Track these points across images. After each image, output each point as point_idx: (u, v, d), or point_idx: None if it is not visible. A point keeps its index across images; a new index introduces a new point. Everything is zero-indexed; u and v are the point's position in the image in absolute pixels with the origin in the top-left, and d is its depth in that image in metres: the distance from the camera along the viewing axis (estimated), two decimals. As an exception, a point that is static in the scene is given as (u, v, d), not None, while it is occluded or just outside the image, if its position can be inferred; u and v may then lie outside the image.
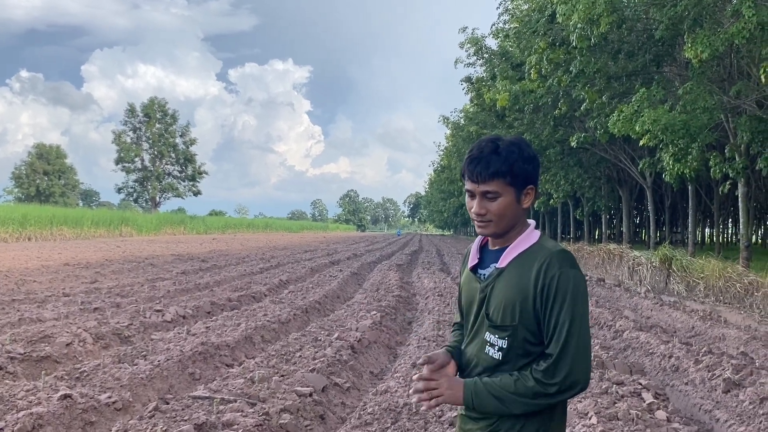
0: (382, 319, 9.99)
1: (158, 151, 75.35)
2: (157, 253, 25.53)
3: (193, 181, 78.22)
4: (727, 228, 43.14)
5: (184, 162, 77.36)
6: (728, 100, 14.76)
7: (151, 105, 75.43)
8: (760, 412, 5.50)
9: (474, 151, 1.97)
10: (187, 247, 31.19)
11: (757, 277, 11.77)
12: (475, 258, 2.08)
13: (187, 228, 56.66)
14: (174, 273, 16.90)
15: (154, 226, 50.86)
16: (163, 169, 76.69)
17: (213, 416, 4.90)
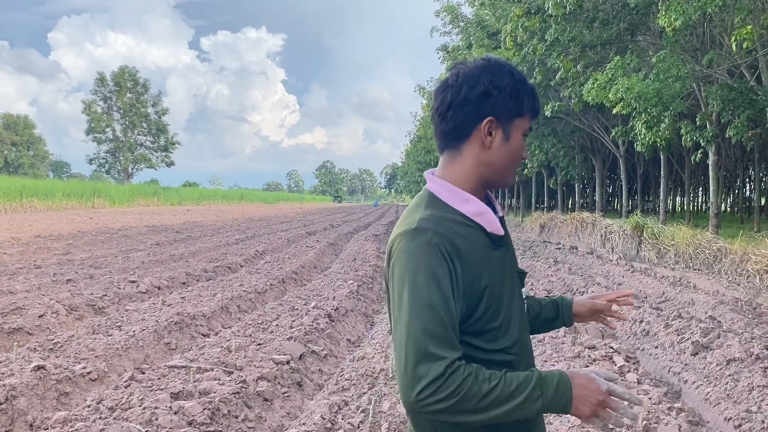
0: (359, 288, 10.04)
1: (130, 122, 74.01)
2: (131, 224, 25.24)
3: (165, 152, 77.14)
4: (698, 196, 43.91)
5: (157, 132, 76.15)
6: (700, 68, 14.90)
7: (122, 74, 73.83)
8: (726, 374, 5.66)
9: (529, 83, 1.64)
10: (161, 219, 30.88)
11: (725, 243, 12.03)
12: (499, 226, 1.62)
13: (160, 199, 56.03)
14: (148, 244, 16.74)
15: (127, 198, 50.19)
16: (135, 139, 75.44)
17: (189, 385, 4.90)
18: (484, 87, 1.55)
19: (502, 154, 1.59)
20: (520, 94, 1.58)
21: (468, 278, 1.47)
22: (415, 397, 1.35)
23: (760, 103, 14.01)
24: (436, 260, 1.43)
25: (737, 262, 10.96)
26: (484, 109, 1.55)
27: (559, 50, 18.20)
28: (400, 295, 1.44)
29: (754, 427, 4.56)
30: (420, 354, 1.36)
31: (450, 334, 1.40)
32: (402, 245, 1.48)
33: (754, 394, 5.09)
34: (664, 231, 14.21)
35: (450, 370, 1.35)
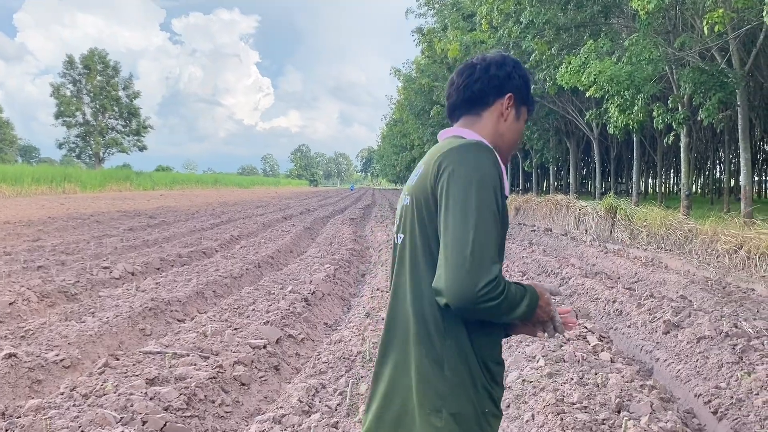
0: (336, 272, 10.03)
1: (100, 105, 72.47)
2: (103, 209, 24.86)
3: (138, 136, 75.78)
4: (670, 178, 44.55)
5: (128, 116, 74.70)
6: (672, 51, 15.04)
7: (91, 56, 72.14)
8: (696, 351, 5.79)
9: None
10: (134, 204, 30.46)
11: (696, 224, 12.23)
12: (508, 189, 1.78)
13: (133, 184, 55.16)
14: (121, 230, 16.51)
15: (99, 183, 49.31)
16: (106, 123, 73.94)
17: (165, 370, 4.87)
18: (509, 70, 1.81)
19: (513, 129, 1.83)
20: (530, 86, 1.87)
21: (504, 206, 1.64)
22: (477, 292, 1.47)
23: (731, 85, 14.21)
24: (497, 176, 1.60)
25: (707, 242, 11.16)
26: (506, 87, 1.80)
27: (533, 33, 18.23)
28: (467, 198, 1.54)
29: (723, 402, 4.67)
30: (485, 255, 1.50)
31: (496, 246, 1.56)
32: (466, 155, 1.61)
33: (723, 370, 5.21)
34: (636, 212, 14.40)
35: (500, 273, 1.53)
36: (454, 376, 1.60)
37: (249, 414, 4.70)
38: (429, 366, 1.62)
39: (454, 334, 1.61)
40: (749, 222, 12.39)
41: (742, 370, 5.08)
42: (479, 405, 1.62)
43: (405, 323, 1.68)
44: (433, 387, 1.60)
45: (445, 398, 1.59)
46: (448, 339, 1.62)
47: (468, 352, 1.62)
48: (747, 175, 15.12)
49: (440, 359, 1.61)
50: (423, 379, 1.62)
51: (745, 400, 4.61)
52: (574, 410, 4.09)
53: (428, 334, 1.63)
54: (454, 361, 1.61)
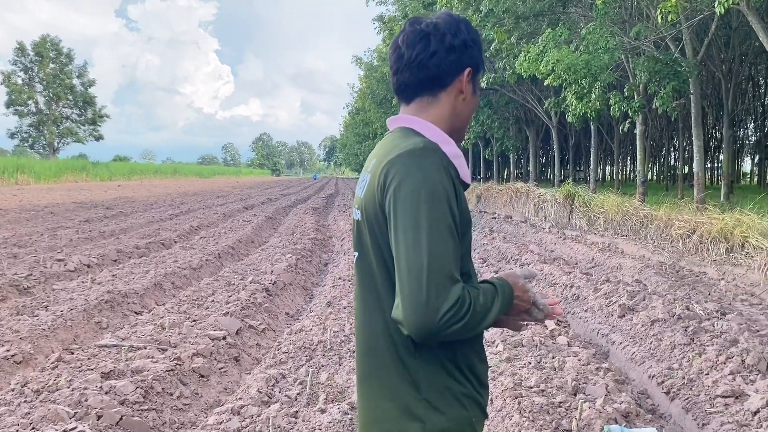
0: (298, 262, 9.98)
1: (54, 94, 70.39)
2: (58, 201, 24.21)
3: (93, 125, 73.89)
4: (626, 165, 45.48)
5: (83, 105, 72.74)
6: (628, 41, 15.31)
7: (43, 43, 69.91)
8: (650, 334, 5.94)
9: None
10: (91, 195, 29.74)
11: (651, 210, 12.52)
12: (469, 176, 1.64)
13: (89, 175, 53.85)
14: (77, 221, 16.10)
15: (54, 173, 47.99)
16: (61, 112, 71.88)
17: (121, 364, 4.78)
18: (465, 37, 1.57)
19: (471, 106, 1.63)
20: (482, 51, 1.64)
21: (462, 208, 1.50)
22: (438, 321, 1.34)
23: (684, 74, 14.53)
24: (448, 182, 1.43)
25: (662, 227, 11.43)
26: (464, 60, 1.58)
27: (493, 21, 18.33)
28: (416, 217, 1.39)
29: (675, 383, 4.81)
30: (444, 278, 1.36)
31: (456, 259, 1.42)
32: (410, 165, 1.44)
33: (676, 352, 5.36)
34: (594, 199, 14.66)
35: (462, 291, 1.38)
36: (434, 396, 1.49)
37: (208, 406, 4.65)
38: (405, 390, 1.50)
39: (426, 351, 1.49)
40: (701, 207, 12.74)
41: (693, 351, 5.23)
42: (464, 418, 1.52)
43: (374, 346, 1.56)
44: (411, 412, 1.49)
45: (426, 421, 1.47)
46: (420, 357, 1.49)
47: (447, 364, 1.50)
48: (699, 162, 15.53)
49: (415, 380, 1.49)
50: (400, 404, 1.50)
51: (696, 380, 4.74)
52: (531, 394, 4.16)
53: (398, 355, 1.51)
54: (431, 379, 1.49)
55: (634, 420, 3.91)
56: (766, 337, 5.37)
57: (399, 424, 1.50)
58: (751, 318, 6.38)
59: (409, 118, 1.61)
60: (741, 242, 9.11)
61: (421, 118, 1.59)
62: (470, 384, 1.54)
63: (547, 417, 3.82)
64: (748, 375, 4.62)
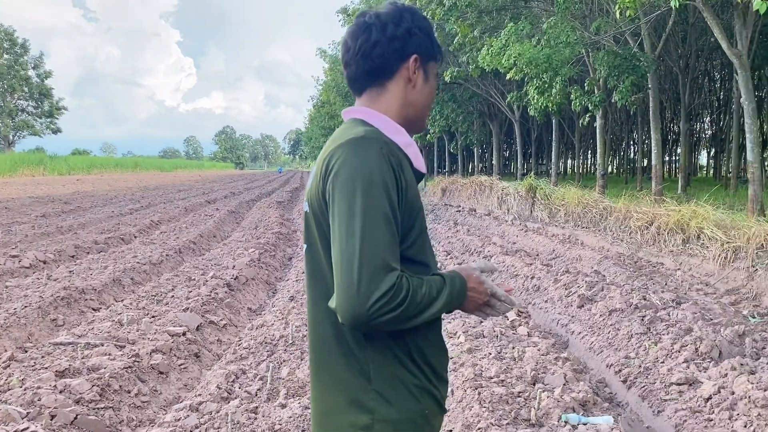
0: (261, 256, 9.89)
1: (8, 85, 68.33)
2: (13, 195, 23.53)
3: (51, 118, 72.04)
4: (587, 159, 46.23)
5: (40, 97, 70.80)
6: (589, 35, 15.52)
7: (-4, 33, 67.81)
8: (608, 323, 6.05)
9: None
10: (48, 189, 28.99)
11: (610, 203, 12.74)
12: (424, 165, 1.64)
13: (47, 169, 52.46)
14: (33, 216, 15.68)
15: (9, 167, 46.62)
16: (16, 104, 69.87)
17: (77, 362, 4.67)
18: (408, 26, 1.57)
19: (424, 94, 1.62)
20: (434, 38, 1.63)
21: (409, 197, 1.47)
22: (368, 310, 1.34)
23: (642, 69, 14.81)
24: (388, 170, 1.42)
25: (621, 219, 11.64)
26: (409, 48, 1.57)
27: (456, 15, 18.37)
28: (351, 203, 1.39)
29: (632, 371, 4.91)
30: (376, 265, 1.35)
31: (398, 245, 1.42)
32: (349, 153, 1.44)
33: (633, 341, 5.47)
34: (555, 192, 14.86)
35: (398, 280, 1.37)
36: (384, 387, 1.47)
37: (167, 403, 4.58)
38: (354, 381, 1.48)
39: (376, 341, 1.47)
40: (659, 200, 13.02)
41: (649, 341, 5.35)
42: (417, 411, 1.50)
43: (323, 337, 1.55)
44: (361, 403, 1.47)
45: (375, 412, 1.46)
46: (369, 347, 1.47)
47: (398, 354, 1.48)
48: (657, 155, 15.86)
49: (365, 371, 1.47)
50: (349, 396, 1.49)
51: (651, 369, 4.86)
52: (491, 384, 4.20)
53: (348, 346, 1.49)
54: (381, 369, 1.47)
55: (591, 408, 3.98)
56: (719, 326, 5.52)
57: (348, 416, 1.49)
58: (705, 307, 6.55)
59: (359, 109, 1.61)
60: (697, 233, 9.34)
61: (372, 109, 1.59)
62: (424, 376, 1.52)
63: (507, 407, 3.87)
64: (702, 363, 4.74)
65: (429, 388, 1.53)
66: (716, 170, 32.80)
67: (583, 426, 3.60)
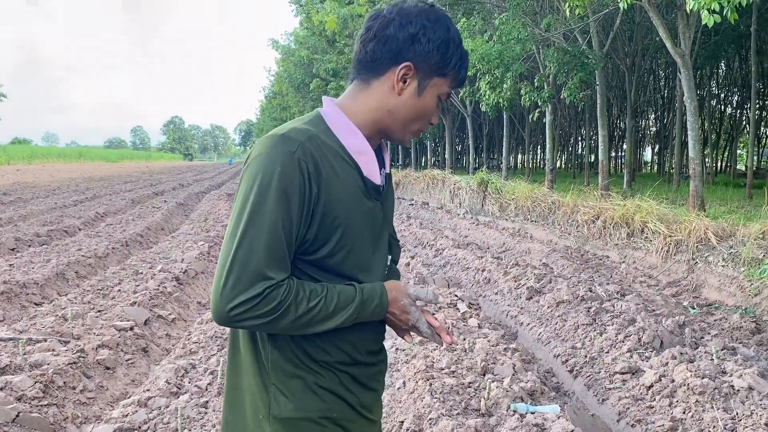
0: (211, 249, 9.73)
1: (-58, 70, 65.32)
2: (-52, 186, 22.57)
3: (-12, 106, 69.28)
4: (537, 154, 47.09)
5: (-23, 83, 67.93)
6: (539, 32, 15.78)
7: (-71, 15, 64.70)
8: (555, 315, 6.20)
9: (464, 49, 1.54)
10: (-14, 180, 27.88)
11: (559, 197, 13.03)
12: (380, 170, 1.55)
13: (-16, 158, 50.47)
14: (-31, 208, 15.07)
15: (-57, 157, 44.65)
16: (-50, 91, 66.84)
17: (18, 358, 4.51)
18: (415, 31, 1.45)
19: (408, 106, 1.49)
20: (449, 52, 1.48)
21: (323, 208, 1.39)
22: (229, 312, 1.32)
23: (590, 66, 15.15)
24: (293, 174, 1.34)
25: (569, 213, 11.92)
26: (406, 53, 1.45)
27: (409, 9, 18.42)
28: (244, 202, 1.34)
29: (578, 361, 5.04)
30: (246, 271, 1.31)
31: (284, 255, 1.36)
32: (262, 149, 1.37)
33: (579, 332, 5.62)
34: (506, 186, 15.10)
35: (269, 290, 1.32)
36: (282, 383, 1.46)
37: (114, 399, 4.48)
38: (257, 374, 1.47)
39: (274, 338, 1.46)
40: (606, 194, 13.39)
41: (595, 331, 5.50)
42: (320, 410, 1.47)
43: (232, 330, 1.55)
44: (261, 396, 1.46)
45: (272, 407, 1.45)
46: (270, 344, 1.46)
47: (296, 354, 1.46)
48: (604, 151, 16.29)
49: (266, 365, 1.46)
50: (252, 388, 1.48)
51: (597, 359, 5.00)
52: (442, 375, 4.25)
53: (252, 340, 1.48)
54: (280, 366, 1.46)
55: (539, 398, 4.07)
56: (661, 317, 5.72)
57: (251, 408, 1.49)
58: (648, 298, 6.77)
59: (328, 100, 1.54)
60: (641, 227, 9.64)
61: (343, 106, 1.52)
62: (336, 379, 1.50)
63: (457, 397, 3.92)
64: (644, 352, 4.90)
65: (339, 392, 1.50)
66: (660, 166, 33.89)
67: (530, 415, 3.68)
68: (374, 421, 1.62)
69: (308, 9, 29.38)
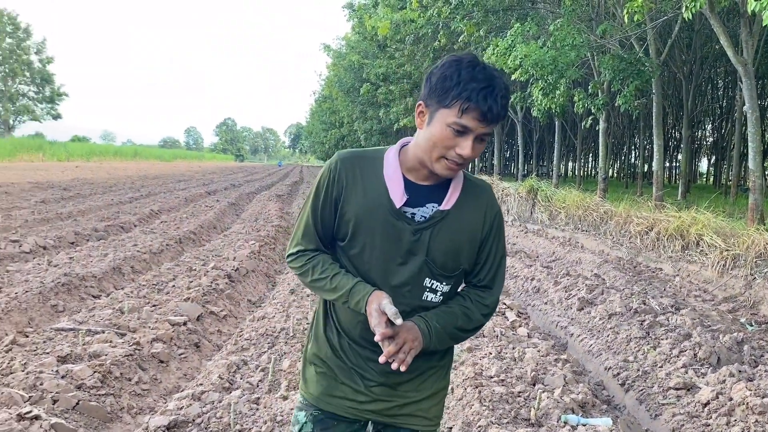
0: (261, 249, 9.90)
1: (10, 69, 68.18)
2: (13, 180, 23.49)
3: (51, 104, 71.93)
4: (588, 162, 46.25)
5: (41, 82, 70.70)
6: (594, 38, 15.52)
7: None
8: (607, 327, 6.07)
9: (483, 82, 1.63)
10: (47, 175, 28.95)
11: (611, 206, 12.78)
12: (403, 196, 1.77)
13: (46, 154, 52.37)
14: (32, 202, 15.67)
15: (8, 152, 46.53)
16: (17, 89, 69.72)
17: (78, 348, 4.68)
18: (429, 74, 1.74)
19: (423, 137, 1.72)
20: (446, 85, 1.65)
21: (340, 207, 1.81)
22: (286, 258, 1.96)
23: (647, 74, 14.81)
24: (325, 179, 1.83)
25: (621, 224, 11.68)
26: (424, 93, 1.73)
27: (462, 14, 18.37)
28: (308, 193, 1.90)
29: (630, 375, 4.93)
30: (296, 237, 1.92)
31: (309, 232, 1.88)
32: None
33: (631, 345, 5.49)
34: (556, 194, 14.89)
35: (300, 254, 1.90)
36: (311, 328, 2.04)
37: (167, 392, 4.59)
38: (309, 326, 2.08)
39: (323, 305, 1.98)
40: (660, 205, 13.05)
41: (648, 345, 5.37)
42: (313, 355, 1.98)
43: None
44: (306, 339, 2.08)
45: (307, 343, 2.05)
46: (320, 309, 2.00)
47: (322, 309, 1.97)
48: (659, 161, 15.88)
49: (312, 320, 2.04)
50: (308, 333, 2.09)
51: (650, 373, 4.88)
52: (491, 383, 4.22)
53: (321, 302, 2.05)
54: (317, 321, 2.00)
55: (590, 410, 4.00)
56: (718, 333, 5.55)
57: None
58: (703, 313, 6.57)
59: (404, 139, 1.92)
60: (696, 240, 9.37)
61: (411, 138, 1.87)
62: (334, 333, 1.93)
63: (507, 406, 3.89)
64: (700, 368, 4.76)
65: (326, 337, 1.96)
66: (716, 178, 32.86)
67: (582, 427, 3.62)
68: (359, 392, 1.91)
69: (361, 14, 29.57)
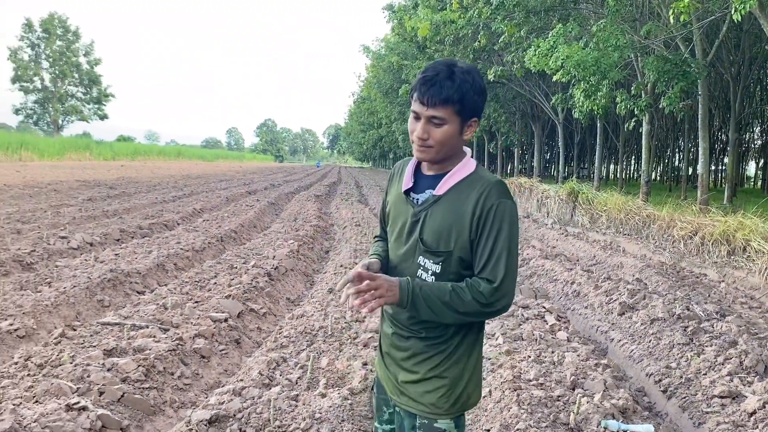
0: (300, 248, 10.00)
1: (59, 71, 70.28)
2: (61, 178, 24.22)
3: (98, 105, 73.88)
4: (630, 164, 45.38)
5: (89, 83, 72.68)
6: (638, 39, 15.23)
7: (51, 20, 69.77)
8: (649, 332, 5.96)
9: (428, 72, 1.90)
10: (94, 174, 29.76)
11: (654, 210, 12.52)
12: (409, 182, 2.05)
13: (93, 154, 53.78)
14: (80, 199, 16.14)
15: (57, 151, 47.92)
16: (66, 90, 71.84)
17: (123, 342, 4.81)
18: None
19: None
20: (414, 88, 1.95)
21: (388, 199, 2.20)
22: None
23: (693, 75, 14.48)
24: (389, 180, 2.24)
25: (664, 228, 11.43)
26: None
27: (503, 14, 18.24)
28: None
29: (673, 382, 4.83)
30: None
31: (379, 222, 2.30)
32: None
33: (674, 351, 5.38)
34: (597, 197, 14.65)
35: (374, 239, 2.30)
36: None
37: (209, 386, 4.69)
38: None
39: None
40: (704, 209, 12.74)
41: (691, 351, 5.25)
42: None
43: None
44: None
45: None
46: None
47: None
48: (704, 164, 15.50)
49: None
50: None
51: (693, 380, 4.77)
52: (530, 387, 4.18)
53: None
54: None
55: (631, 416, 3.94)
56: (765, 340, 5.40)
57: None
58: (750, 321, 6.40)
59: None
60: (743, 245, 9.12)
61: None
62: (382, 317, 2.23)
63: (546, 410, 3.85)
64: (746, 377, 4.64)
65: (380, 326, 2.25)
66: (765, 181, 31.91)
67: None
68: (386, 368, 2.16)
69: (401, 15, 29.59)
